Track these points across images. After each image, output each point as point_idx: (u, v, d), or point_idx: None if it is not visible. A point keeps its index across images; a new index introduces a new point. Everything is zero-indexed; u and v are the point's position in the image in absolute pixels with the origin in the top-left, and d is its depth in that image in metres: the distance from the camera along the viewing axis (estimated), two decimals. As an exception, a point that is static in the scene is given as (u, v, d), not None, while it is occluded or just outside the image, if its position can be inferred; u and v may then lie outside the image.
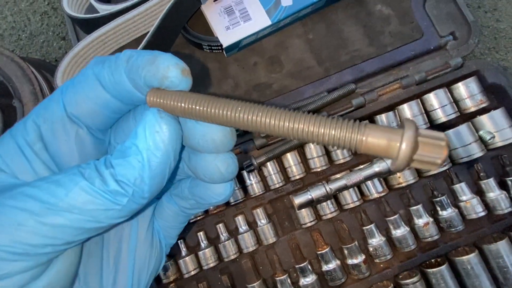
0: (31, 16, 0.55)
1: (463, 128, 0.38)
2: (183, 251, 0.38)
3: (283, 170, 0.40)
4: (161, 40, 0.39)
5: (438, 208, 0.37)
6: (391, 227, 0.37)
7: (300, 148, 0.39)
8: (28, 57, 0.52)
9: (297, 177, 0.39)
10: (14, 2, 0.56)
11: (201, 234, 0.39)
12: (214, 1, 0.40)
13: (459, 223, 0.36)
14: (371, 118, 0.40)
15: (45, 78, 0.44)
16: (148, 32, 0.37)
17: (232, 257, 0.38)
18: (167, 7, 0.37)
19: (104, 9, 0.38)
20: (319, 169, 0.39)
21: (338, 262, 0.37)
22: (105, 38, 0.38)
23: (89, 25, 0.39)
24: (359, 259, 0.36)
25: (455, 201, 0.38)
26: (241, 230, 0.38)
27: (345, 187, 0.36)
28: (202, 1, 0.39)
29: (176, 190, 0.20)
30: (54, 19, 0.55)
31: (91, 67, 0.16)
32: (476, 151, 0.37)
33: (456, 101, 0.40)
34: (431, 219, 0.37)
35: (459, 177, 0.38)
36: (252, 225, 0.39)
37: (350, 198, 0.38)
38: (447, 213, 0.37)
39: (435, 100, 0.39)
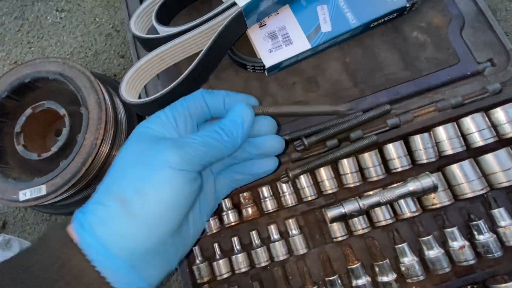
0: (97, 37, 0.63)
1: (502, 153, 0.38)
2: (218, 254, 0.41)
3: (316, 184, 0.41)
4: (211, 59, 0.43)
5: (475, 232, 0.37)
6: (424, 247, 0.37)
7: (333, 163, 0.41)
8: (93, 72, 0.59)
9: (330, 191, 0.40)
10: (84, 24, 0.64)
11: (235, 240, 0.41)
12: (259, 26, 0.44)
13: (497, 249, 0.35)
14: (405, 139, 0.41)
15: (107, 90, 0.50)
16: (200, 51, 0.42)
17: (263, 264, 0.39)
18: (218, 32, 0.41)
19: (164, 31, 0.44)
20: (352, 185, 0.40)
21: (369, 278, 0.37)
22: (163, 56, 0.43)
23: (150, 43, 0.44)
24: (390, 277, 0.36)
25: (493, 227, 0.37)
26: (273, 238, 0.40)
27: (378, 204, 0.37)
28: (248, 26, 0.43)
29: (235, 165, 0.36)
30: (116, 40, 0.62)
31: (201, 92, 0.33)
32: (516, 177, 0.37)
33: (494, 126, 0.40)
34: (467, 243, 0.36)
35: (498, 202, 0.38)
36: (284, 234, 0.41)
37: (383, 216, 0.39)
38: (484, 237, 0.36)
39: (472, 124, 0.40)
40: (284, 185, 0.41)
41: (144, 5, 0.47)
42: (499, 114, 0.40)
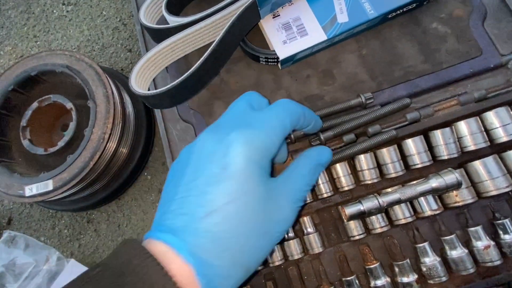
0: (104, 30, 0.62)
1: (528, 149, 0.36)
2: (230, 252, 0.39)
3: (331, 180, 0.40)
4: (223, 50, 0.42)
5: (500, 232, 0.35)
6: (447, 247, 0.36)
7: (350, 159, 0.39)
8: (100, 65, 0.58)
9: (346, 188, 0.39)
10: (91, 18, 0.63)
11: (247, 238, 0.39)
12: (273, 17, 0.43)
13: (525, 249, 0.34)
14: (425, 134, 0.39)
15: (115, 84, 0.49)
16: (212, 42, 0.41)
17: (277, 263, 0.38)
18: (230, 21, 0.40)
19: (174, 21, 0.43)
20: (369, 182, 0.38)
21: (388, 279, 0.36)
22: (174, 47, 0.42)
23: (160, 34, 0.43)
24: (410, 277, 0.35)
25: (519, 226, 0.35)
26: (287, 236, 0.39)
27: (399, 201, 0.35)
28: (261, 16, 0.42)
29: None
30: (123, 34, 0.61)
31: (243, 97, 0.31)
32: (544, 174, 0.35)
33: (519, 121, 0.38)
34: (492, 242, 0.35)
35: (524, 200, 0.36)
36: (298, 233, 0.39)
37: (402, 214, 0.37)
38: (510, 237, 0.34)
39: (496, 118, 0.38)
40: (298, 182, 0.39)
41: None
42: (525, 108, 0.38)
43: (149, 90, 0.45)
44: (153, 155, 0.54)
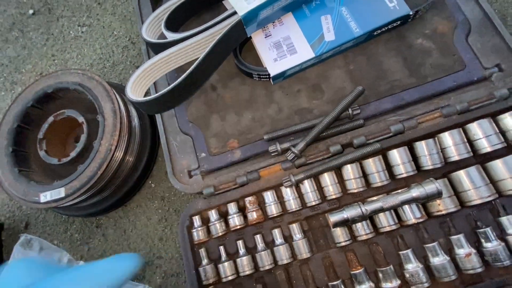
0: (115, 49, 0.67)
1: (511, 159, 0.37)
2: (223, 256, 0.42)
3: (320, 189, 0.42)
4: (211, 63, 0.45)
5: (482, 240, 0.36)
6: (429, 254, 0.37)
7: (337, 169, 0.42)
8: (109, 82, 0.63)
9: (333, 196, 0.41)
10: (103, 38, 0.69)
11: (240, 243, 0.42)
12: (265, 37, 0.46)
13: (506, 257, 0.35)
14: (410, 145, 0.41)
15: (122, 99, 0.53)
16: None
17: (267, 267, 0.40)
18: (217, 38, 0.43)
19: (171, 37, 0.46)
20: (355, 191, 0.40)
21: (372, 284, 0.37)
22: (168, 59, 0.46)
23: (158, 48, 0.47)
24: (393, 283, 0.36)
25: (501, 234, 0.36)
26: (277, 242, 0.41)
27: (381, 210, 0.37)
28: (247, 34, 0.45)
29: None
30: (132, 52, 0.66)
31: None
32: (525, 184, 0.36)
33: (502, 132, 0.39)
34: (473, 250, 0.36)
35: (506, 210, 0.37)
36: (288, 239, 0.41)
37: (387, 222, 0.39)
38: (492, 245, 0.35)
39: (479, 129, 0.39)
40: (288, 190, 0.41)
41: (156, 13, 0.50)
42: (508, 120, 0.39)
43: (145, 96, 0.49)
44: (157, 164, 0.58)
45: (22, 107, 0.53)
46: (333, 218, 0.37)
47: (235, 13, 0.43)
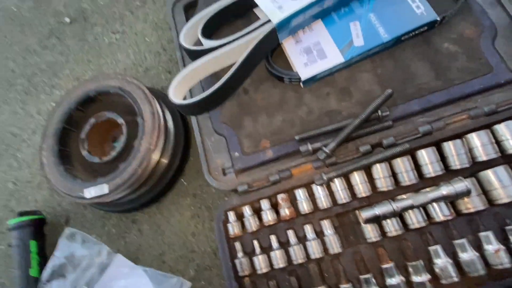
0: (147, 55, 0.71)
1: (538, 160, 0.38)
2: (257, 250, 0.44)
3: (350, 187, 0.44)
4: (246, 69, 0.48)
5: (511, 237, 0.37)
6: (458, 250, 0.38)
7: (367, 168, 0.43)
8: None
9: (363, 195, 0.43)
10: (136, 44, 0.73)
11: (273, 237, 0.44)
12: (295, 43, 0.49)
13: (535, 254, 0.36)
14: (438, 146, 0.42)
15: (157, 101, 0.57)
16: (236, 61, 0.47)
17: (300, 261, 0.42)
18: (252, 45, 0.46)
19: (208, 44, 0.50)
20: (385, 189, 0.42)
21: (403, 278, 0.39)
22: (206, 64, 0.49)
23: (195, 54, 0.50)
24: (423, 277, 0.38)
25: (530, 232, 0.38)
26: (309, 237, 0.43)
27: (411, 207, 0.39)
28: (280, 40, 0.47)
29: None
30: (163, 57, 0.70)
31: None
32: (554, 183, 0.37)
33: (530, 133, 0.40)
34: (502, 247, 0.37)
35: (535, 208, 0.38)
36: (319, 234, 0.44)
37: (416, 219, 0.40)
38: (521, 242, 0.37)
39: (507, 130, 0.40)
40: (319, 188, 0.44)
41: (192, 21, 0.53)
42: (535, 121, 0.40)
43: (184, 99, 0.52)
44: (189, 164, 0.61)
45: (66, 109, 0.58)
46: (365, 214, 0.39)
47: (269, 21, 0.46)
